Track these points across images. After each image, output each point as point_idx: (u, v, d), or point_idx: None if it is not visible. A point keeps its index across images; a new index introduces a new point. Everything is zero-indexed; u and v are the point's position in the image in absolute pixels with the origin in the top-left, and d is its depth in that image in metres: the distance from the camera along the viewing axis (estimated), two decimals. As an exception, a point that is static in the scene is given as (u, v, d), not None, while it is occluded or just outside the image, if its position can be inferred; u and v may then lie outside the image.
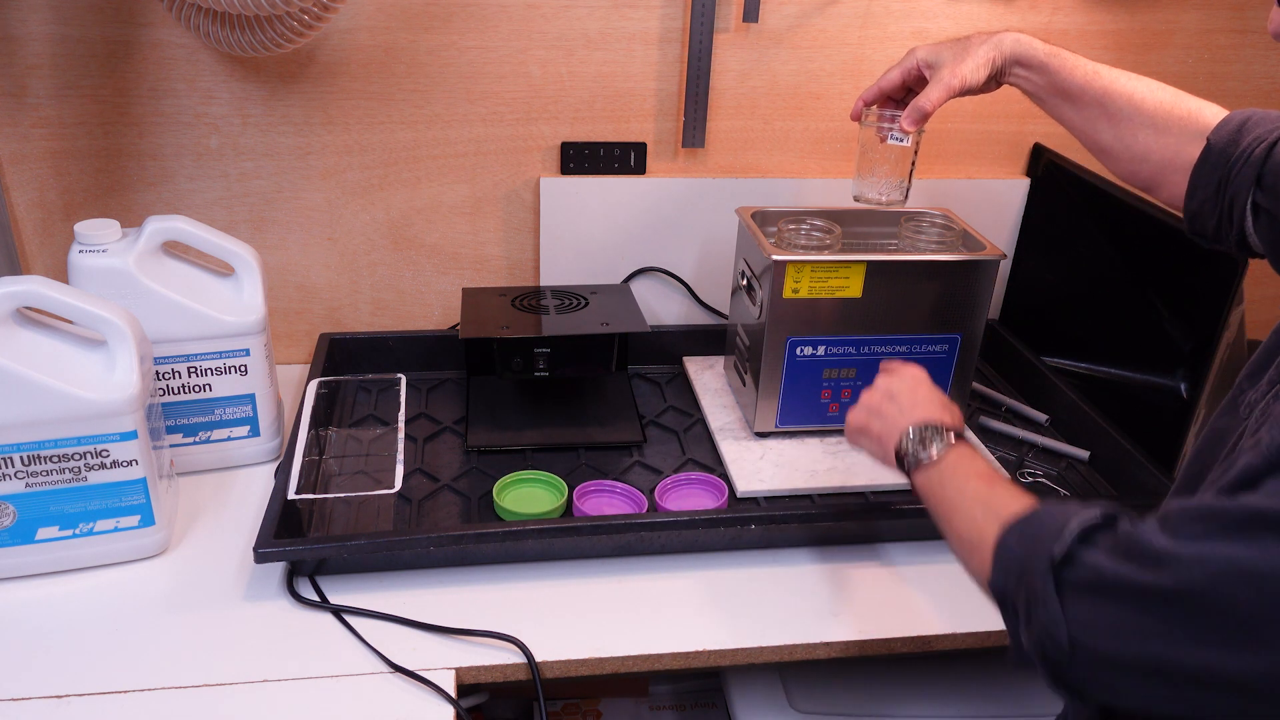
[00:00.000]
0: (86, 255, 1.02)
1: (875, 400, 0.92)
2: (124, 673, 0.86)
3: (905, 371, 0.93)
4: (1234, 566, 0.54)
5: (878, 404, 0.91)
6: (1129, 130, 0.90)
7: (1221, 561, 0.54)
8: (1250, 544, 0.54)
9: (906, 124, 1.02)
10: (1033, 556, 0.63)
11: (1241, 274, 1.08)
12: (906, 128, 1.02)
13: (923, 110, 1.00)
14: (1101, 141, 0.94)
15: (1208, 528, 0.56)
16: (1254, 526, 0.54)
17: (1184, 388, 1.18)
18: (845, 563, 1.04)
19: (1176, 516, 0.58)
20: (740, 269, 1.24)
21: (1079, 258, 1.37)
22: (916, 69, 1.02)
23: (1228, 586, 0.54)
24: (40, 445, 0.91)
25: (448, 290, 1.42)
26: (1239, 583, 0.54)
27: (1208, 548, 0.55)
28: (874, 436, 0.90)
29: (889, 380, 0.92)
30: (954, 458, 0.81)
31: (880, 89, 1.05)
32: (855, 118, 1.09)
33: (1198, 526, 0.57)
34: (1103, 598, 0.59)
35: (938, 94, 0.99)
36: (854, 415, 0.94)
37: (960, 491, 0.77)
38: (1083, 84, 0.93)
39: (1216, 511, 0.56)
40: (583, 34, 1.28)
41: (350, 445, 1.21)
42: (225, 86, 1.24)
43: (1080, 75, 0.94)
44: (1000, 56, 0.98)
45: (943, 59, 1.00)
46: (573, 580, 1.00)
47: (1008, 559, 0.66)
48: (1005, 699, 1.15)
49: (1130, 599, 0.57)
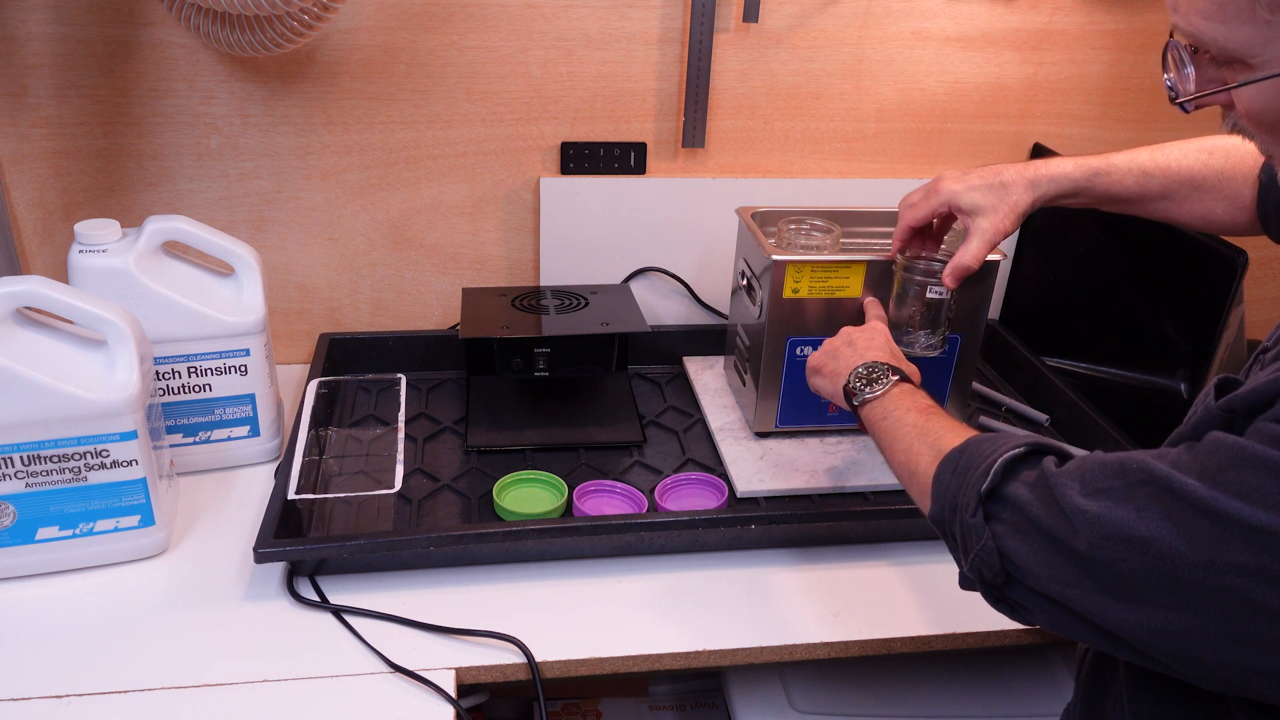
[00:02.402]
0: (86, 255, 1.02)
1: (834, 344, 0.99)
2: (124, 673, 0.86)
3: (869, 324, 1.00)
4: (1122, 529, 0.57)
5: (835, 347, 0.98)
6: (1192, 205, 0.94)
7: (1114, 524, 0.58)
8: (1137, 507, 0.57)
9: (950, 281, 1.00)
10: (964, 489, 0.67)
11: (1241, 274, 1.08)
12: (951, 284, 1.01)
13: (967, 268, 0.99)
14: (1168, 217, 0.97)
15: (1111, 485, 0.60)
16: (1143, 488, 0.58)
17: (1184, 388, 1.18)
18: (845, 563, 1.04)
19: (1093, 468, 0.62)
20: (740, 269, 1.24)
21: (1079, 258, 1.37)
22: (945, 206, 1.00)
23: (1118, 548, 0.57)
24: (40, 445, 0.91)
25: (448, 290, 1.42)
26: (1124, 545, 0.57)
27: (1105, 506, 0.59)
28: (827, 374, 0.96)
29: (850, 329, 0.99)
30: (897, 392, 0.86)
31: (909, 226, 1.03)
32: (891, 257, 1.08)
33: (1105, 482, 0.60)
34: (1024, 535, 0.64)
35: (980, 250, 0.98)
36: (813, 357, 1.00)
37: (900, 423, 0.82)
38: (1136, 190, 0.95)
39: (1124, 469, 0.60)
40: (583, 34, 1.28)
41: (350, 445, 1.21)
42: (225, 86, 1.24)
43: (1129, 183, 0.95)
44: (1039, 200, 0.97)
45: (981, 206, 0.97)
46: (573, 580, 1.00)
47: (942, 491, 0.70)
48: (1005, 699, 1.15)
49: (1043, 543, 0.62)
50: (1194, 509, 0.55)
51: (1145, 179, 0.94)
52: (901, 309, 1.08)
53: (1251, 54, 0.58)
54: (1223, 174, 0.91)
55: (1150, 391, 1.22)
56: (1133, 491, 0.58)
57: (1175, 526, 0.55)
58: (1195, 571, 0.54)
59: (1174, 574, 0.55)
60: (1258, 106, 0.61)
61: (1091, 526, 0.59)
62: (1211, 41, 0.60)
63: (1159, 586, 0.56)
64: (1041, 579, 0.62)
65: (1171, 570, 0.55)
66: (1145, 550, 0.56)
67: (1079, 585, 0.60)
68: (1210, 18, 0.59)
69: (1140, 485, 0.58)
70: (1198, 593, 0.55)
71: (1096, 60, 1.40)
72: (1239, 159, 0.91)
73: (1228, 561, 0.53)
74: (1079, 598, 0.60)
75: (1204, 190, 0.92)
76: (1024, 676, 1.18)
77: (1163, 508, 0.56)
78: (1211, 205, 0.93)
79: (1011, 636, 0.97)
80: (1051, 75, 1.40)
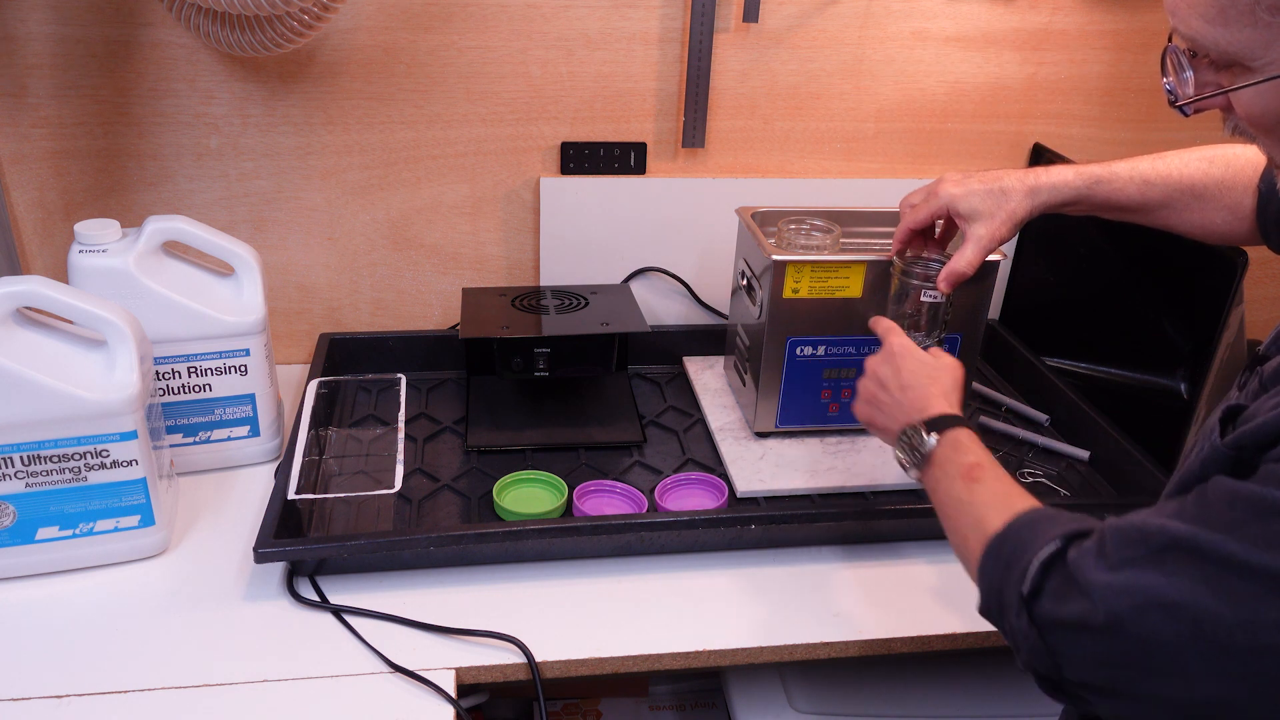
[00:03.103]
0: (86, 255, 1.02)
1: (869, 390, 0.94)
2: (124, 673, 0.86)
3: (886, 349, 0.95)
4: (1151, 597, 0.56)
5: (872, 394, 0.93)
6: (1192, 213, 0.94)
7: (1141, 592, 0.56)
8: (1165, 573, 0.55)
9: (944, 286, 1.00)
10: (1006, 588, 0.65)
11: (1241, 274, 1.08)
12: (945, 289, 1.01)
13: (961, 274, 0.98)
14: (1167, 225, 0.97)
15: (1134, 553, 0.58)
16: (1169, 554, 0.56)
17: (1184, 388, 1.18)
18: (845, 562, 1.04)
19: (1111, 539, 0.60)
20: (740, 269, 1.24)
21: (1079, 258, 1.37)
22: (945, 209, 1.00)
23: (1149, 617, 0.55)
24: (40, 445, 0.91)
25: (448, 290, 1.42)
26: (1157, 612, 0.55)
27: (1131, 576, 0.57)
28: (879, 429, 0.93)
29: (876, 366, 0.94)
30: (938, 458, 0.82)
31: (909, 229, 1.03)
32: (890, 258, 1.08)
33: (1127, 551, 0.58)
34: (1064, 631, 0.61)
35: (975, 257, 0.98)
36: (858, 409, 0.96)
37: (945, 500, 0.78)
38: (1138, 198, 0.95)
39: (1144, 534, 0.58)
40: (583, 34, 1.28)
41: (350, 445, 1.21)
42: (225, 86, 1.24)
43: (1131, 191, 0.95)
44: (1038, 208, 0.97)
45: (978, 212, 0.97)
46: (573, 580, 1.00)
47: (989, 586, 0.68)
48: (1005, 699, 1.15)
49: (1083, 633, 0.59)
50: (1225, 568, 0.53)
51: (1147, 187, 0.94)
52: (898, 310, 1.08)
53: (1251, 57, 0.58)
54: (1223, 183, 0.91)
55: (1150, 391, 1.22)
56: (1158, 557, 0.56)
57: (1208, 588, 0.54)
58: (1234, 634, 0.53)
59: (1212, 637, 0.53)
60: (1257, 110, 0.61)
61: (1120, 598, 0.57)
62: (1212, 45, 0.60)
63: (1199, 654, 0.54)
64: (1086, 666, 0.60)
65: (1210, 634, 0.53)
66: (1179, 616, 0.54)
67: (1119, 665, 0.58)
68: (1211, 21, 0.59)
69: (1165, 551, 0.56)
70: (1240, 657, 0.53)
71: (1096, 60, 1.41)
72: (1239, 168, 0.91)
73: (1267, 619, 0.52)
74: (1123, 679, 0.58)
75: (1205, 199, 0.92)
76: (1024, 676, 1.17)
77: (1192, 570, 0.55)
78: (1211, 214, 0.93)
79: (1011, 636, 0.97)
80: (1051, 75, 1.40)
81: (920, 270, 1.04)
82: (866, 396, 0.94)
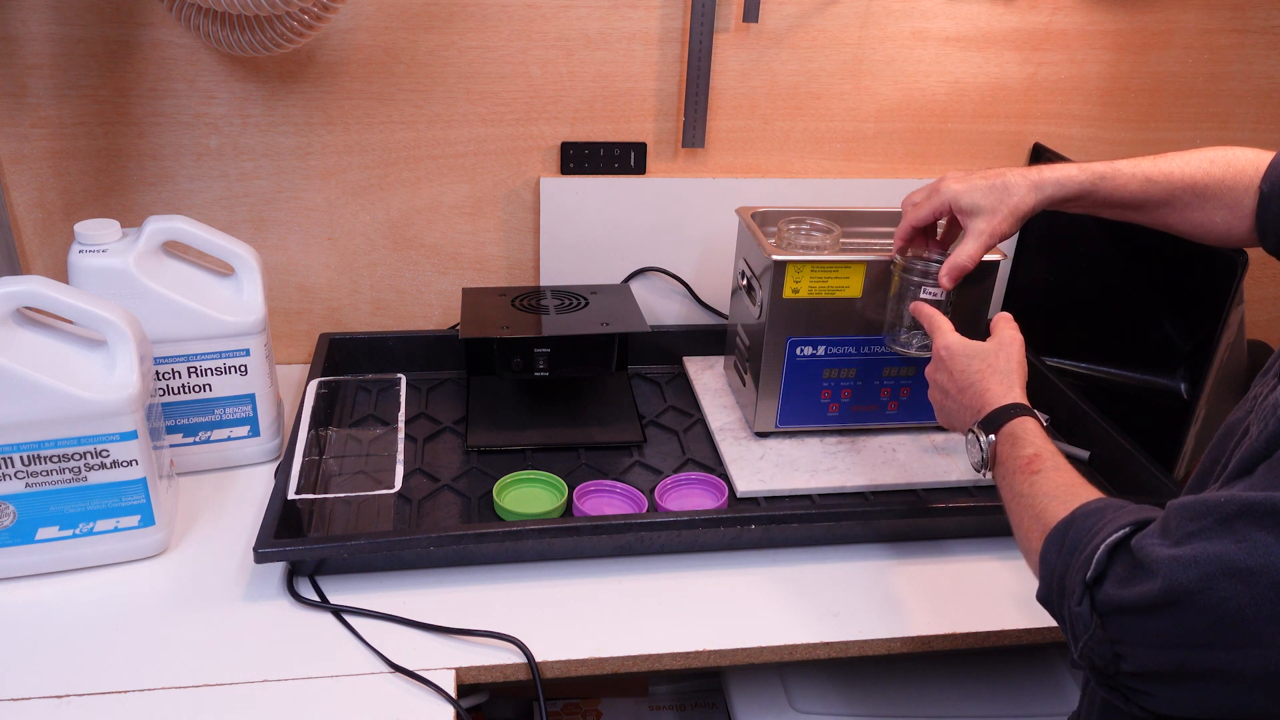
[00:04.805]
0: (86, 255, 1.02)
1: (936, 400, 0.97)
2: (124, 673, 0.86)
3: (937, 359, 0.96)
4: (1222, 565, 0.55)
5: (939, 403, 0.96)
6: (1192, 213, 0.94)
7: (1211, 561, 0.55)
8: (1237, 539, 0.55)
9: (946, 281, 1.00)
10: (1069, 575, 0.65)
11: (1241, 274, 1.08)
12: (946, 285, 1.01)
13: (963, 269, 0.99)
14: (1167, 224, 0.97)
15: (1201, 525, 0.57)
16: (1241, 520, 0.55)
17: (1184, 388, 1.18)
18: (845, 563, 1.04)
19: (1175, 516, 0.59)
20: (740, 269, 1.24)
21: (1079, 258, 1.37)
22: (947, 206, 1.00)
23: (1219, 586, 0.55)
24: (40, 445, 0.91)
25: (448, 290, 1.42)
26: (1228, 580, 0.55)
27: (1199, 548, 0.56)
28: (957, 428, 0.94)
29: (933, 375, 0.96)
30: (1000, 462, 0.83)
31: (911, 226, 1.03)
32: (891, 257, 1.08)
33: (1192, 525, 0.58)
34: (1130, 615, 0.60)
35: (976, 250, 0.98)
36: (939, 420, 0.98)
37: (1009, 495, 0.80)
38: (1140, 196, 0.95)
39: (1211, 506, 0.57)
40: (583, 34, 1.28)
41: (350, 445, 1.21)
42: (225, 86, 1.24)
43: (1134, 189, 0.95)
44: (1042, 203, 0.97)
45: (980, 207, 0.97)
46: (573, 580, 1.00)
47: (1049, 572, 0.68)
48: (1005, 699, 1.15)
49: (1149, 612, 0.59)
50: None
51: (1149, 185, 0.94)
52: (899, 309, 1.08)
53: None
54: (1224, 183, 0.91)
55: (1150, 391, 1.22)
56: (1228, 524, 0.56)
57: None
58: None
59: None
60: None
61: (1186, 570, 0.56)
62: None
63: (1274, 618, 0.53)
64: (1150, 651, 0.59)
65: None
66: (1254, 582, 0.53)
67: (1186, 643, 0.57)
68: None
69: (1237, 517, 0.55)
70: None
71: (1096, 60, 1.41)
72: (1240, 169, 0.91)
73: None
74: (1190, 659, 0.57)
75: (1206, 198, 0.92)
76: (1024, 676, 1.18)
77: (1270, 532, 0.54)
78: (1211, 214, 0.93)
79: (1011, 636, 0.97)
80: (1051, 75, 1.40)
81: (921, 268, 1.04)
82: (936, 406, 0.97)
